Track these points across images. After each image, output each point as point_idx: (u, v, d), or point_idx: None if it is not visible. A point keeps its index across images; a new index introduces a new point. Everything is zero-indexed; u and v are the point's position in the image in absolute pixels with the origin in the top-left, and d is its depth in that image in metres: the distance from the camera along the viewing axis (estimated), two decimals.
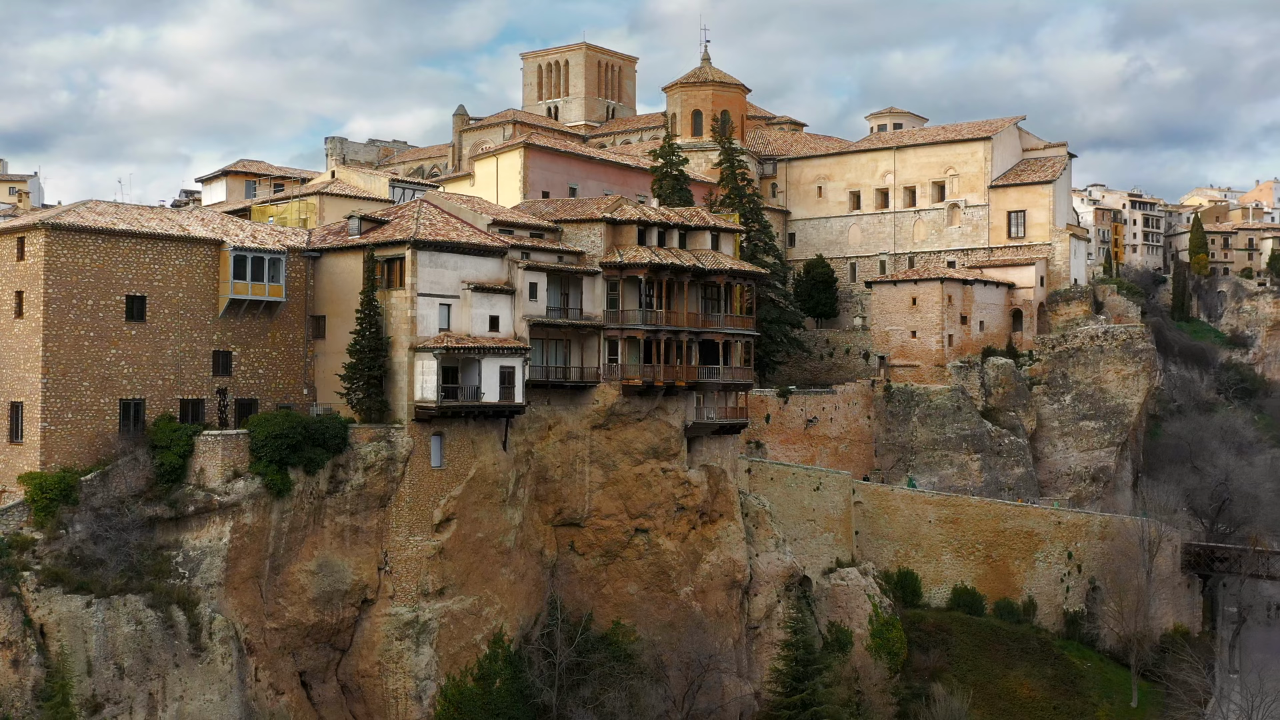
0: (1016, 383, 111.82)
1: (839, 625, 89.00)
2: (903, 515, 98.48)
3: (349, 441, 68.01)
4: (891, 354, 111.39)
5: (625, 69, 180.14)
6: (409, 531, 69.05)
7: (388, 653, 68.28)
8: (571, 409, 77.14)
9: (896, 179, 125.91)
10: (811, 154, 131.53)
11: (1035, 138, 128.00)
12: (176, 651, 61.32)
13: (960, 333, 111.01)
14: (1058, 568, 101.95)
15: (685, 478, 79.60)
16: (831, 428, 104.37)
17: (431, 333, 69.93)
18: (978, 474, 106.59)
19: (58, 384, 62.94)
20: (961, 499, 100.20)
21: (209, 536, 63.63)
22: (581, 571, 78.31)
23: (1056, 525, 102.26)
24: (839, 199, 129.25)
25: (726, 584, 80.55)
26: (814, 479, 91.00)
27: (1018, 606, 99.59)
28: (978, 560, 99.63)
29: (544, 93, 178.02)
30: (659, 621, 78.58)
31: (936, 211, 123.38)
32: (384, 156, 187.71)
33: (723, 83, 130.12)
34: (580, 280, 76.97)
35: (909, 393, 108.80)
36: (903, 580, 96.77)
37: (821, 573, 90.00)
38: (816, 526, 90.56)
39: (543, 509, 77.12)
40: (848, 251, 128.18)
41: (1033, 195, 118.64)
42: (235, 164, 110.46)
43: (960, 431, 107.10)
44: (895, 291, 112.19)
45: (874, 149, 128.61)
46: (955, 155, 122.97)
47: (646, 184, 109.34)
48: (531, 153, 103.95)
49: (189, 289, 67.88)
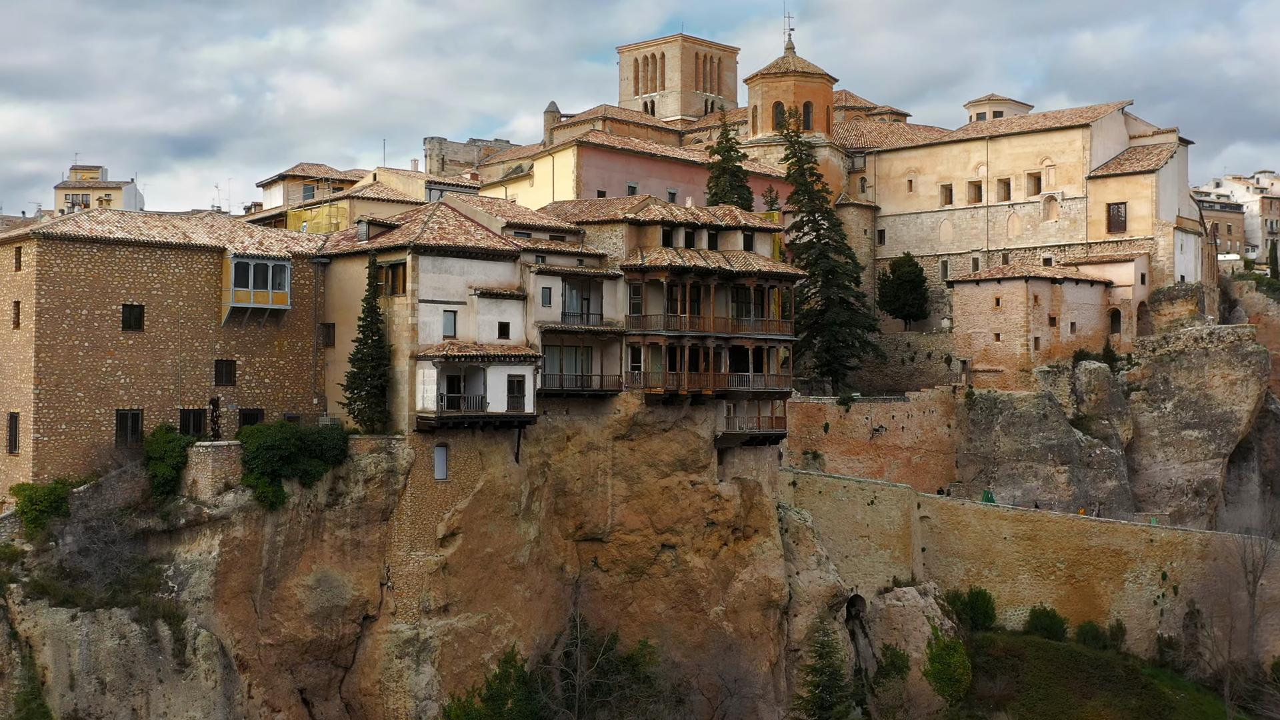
0: (1111, 389, 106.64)
1: (894, 649, 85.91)
2: (974, 531, 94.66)
3: (349, 453, 68.10)
4: (974, 358, 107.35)
5: (725, 60, 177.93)
6: (410, 546, 68.75)
7: (388, 671, 68.12)
8: (592, 419, 75.95)
9: (990, 171, 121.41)
10: (900, 146, 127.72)
11: (1145, 123, 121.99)
12: (160, 667, 62.10)
13: (1048, 335, 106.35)
14: (1150, 589, 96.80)
15: (715, 491, 77.73)
16: (903, 437, 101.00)
17: (435, 340, 69.54)
18: (1065, 487, 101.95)
19: (51, 394, 64.36)
20: (1040, 514, 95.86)
21: (199, 550, 64.34)
22: (606, 589, 77.08)
23: (1149, 543, 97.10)
24: (930, 193, 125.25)
25: (761, 604, 78.37)
26: (868, 492, 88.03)
27: (1104, 631, 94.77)
28: (1059, 580, 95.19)
29: (640, 87, 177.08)
30: (688, 642, 76.92)
31: (1032, 205, 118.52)
32: (485, 156, 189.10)
33: (805, 73, 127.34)
34: (600, 284, 75.74)
35: (991, 400, 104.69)
36: (974, 601, 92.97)
37: (876, 592, 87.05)
38: (870, 543, 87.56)
39: (562, 523, 76.11)
40: (939, 249, 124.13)
41: (1134, 186, 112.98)
42: (294, 168, 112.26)
43: (1046, 441, 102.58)
44: (978, 291, 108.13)
45: (966, 139, 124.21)
46: (1052, 144, 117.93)
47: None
48: (585, 151, 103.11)
49: (189, 297, 68.78)
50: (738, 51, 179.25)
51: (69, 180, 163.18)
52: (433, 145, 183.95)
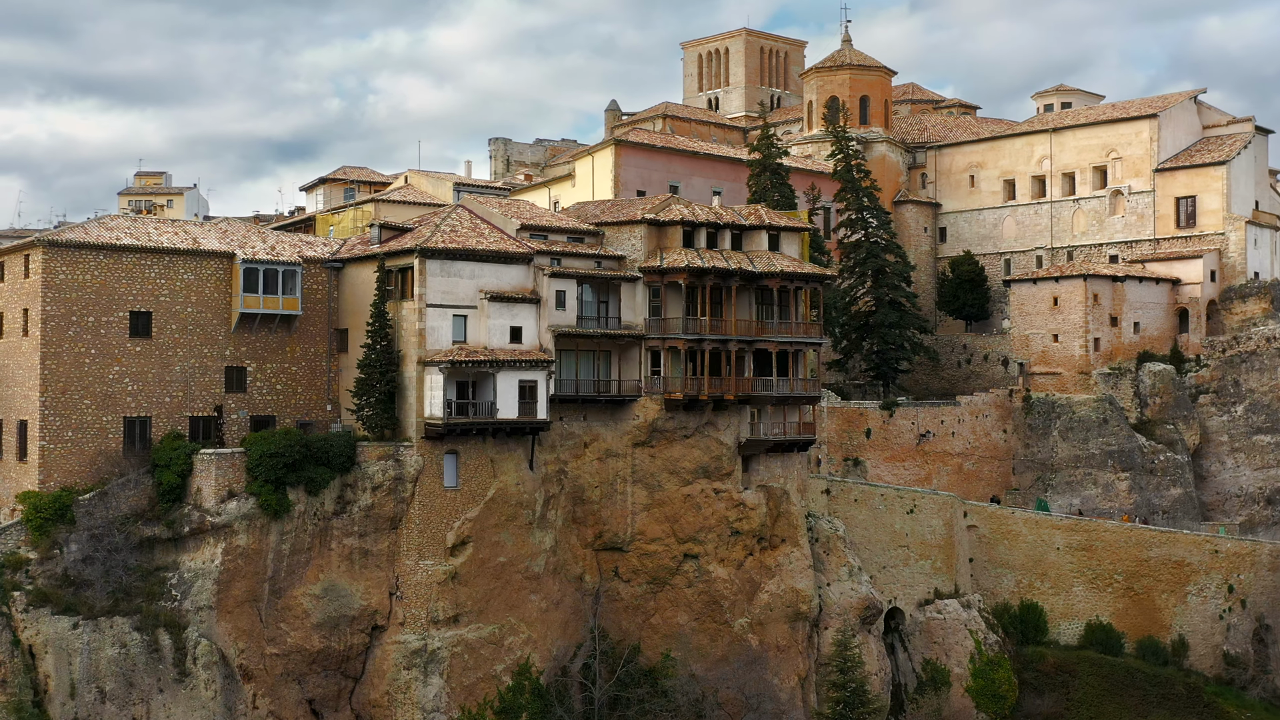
0: (1177, 392, 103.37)
1: (935, 663, 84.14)
2: (1025, 541, 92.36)
3: (357, 460, 68.30)
4: (1032, 360, 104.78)
5: (792, 55, 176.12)
6: (419, 555, 68.74)
7: (396, 682, 68.16)
8: (611, 425, 75.34)
9: (1054, 165, 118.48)
10: (961, 140, 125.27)
11: (1220, 112, 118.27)
12: (161, 676, 62.76)
13: (1110, 336, 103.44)
14: (1215, 603, 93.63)
15: (740, 499, 76.67)
16: (953, 443, 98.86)
17: (444, 345, 69.48)
18: (1126, 495, 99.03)
19: (57, 402, 65.41)
20: (1095, 523, 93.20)
21: (202, 558, 64.93)
22: (627, 599, 76.41)
23: (1213, 554, 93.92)
24: (992, 188, 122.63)
25: (789, 616, 77.13)
26: (907, 500, 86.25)
27: (1165, 647, 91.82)
28: (1116, 593, 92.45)
29: (704, 83, 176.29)
30: (711, 655, 75.97)
31: (1097, 200, 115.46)
32: (551, 156, 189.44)
33: (861, 65, 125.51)
34: (619, 287, 75.13)
35: (1049, 403, 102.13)
36: (1025, 614, 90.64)
37: (916, 605, 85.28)
38: (910, 553, 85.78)
39: (581, 532, 75.60)
40: (1001, 246, 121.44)
41: (1203, 178, 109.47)
42: (336, 171, 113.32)
43: (1106, 447, 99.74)
44: (1035, 291, 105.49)
45: (1029, 132, 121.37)
46: (1118, 136, 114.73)
47: None
48: (623, 150, 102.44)
49: (198, 303, 69.50)
50: (805, 45, 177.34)
51: (132, 186, 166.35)
52: (497, 146, 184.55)
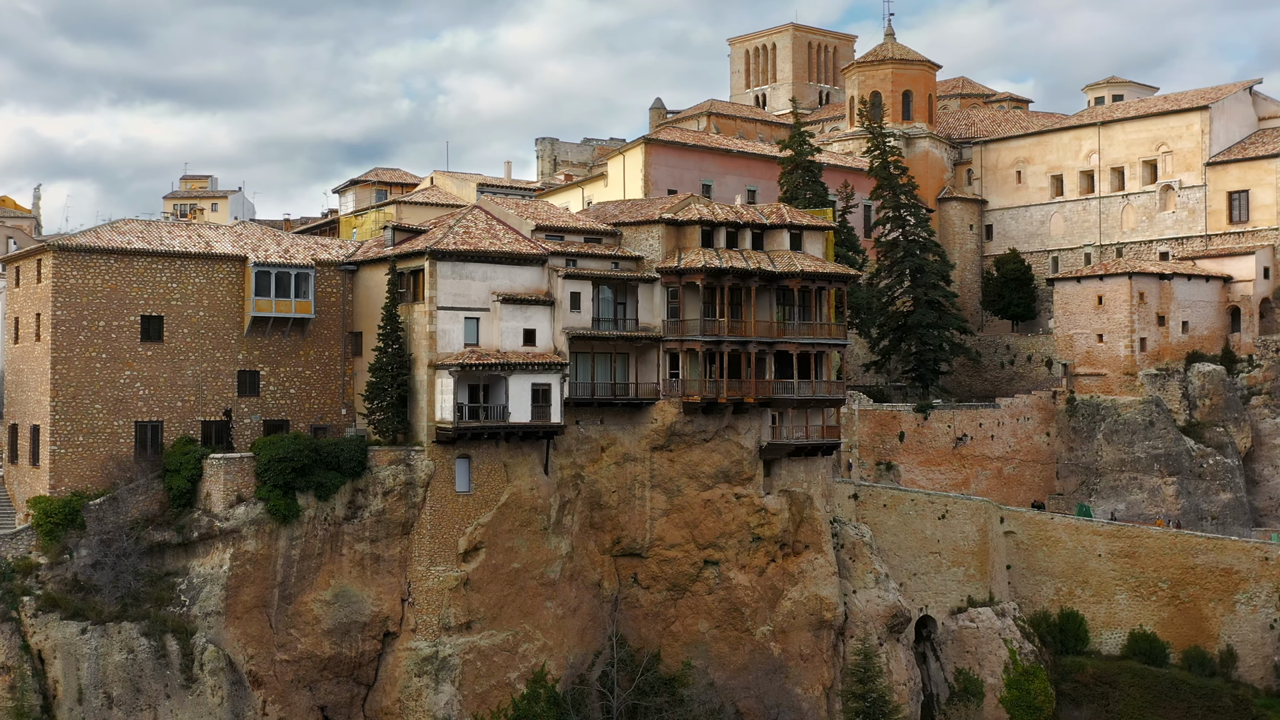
0: (1228, 393, 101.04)
1: (967, 673, 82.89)
2: (1066, 548, 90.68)
3: (368, 465, 68.47)
4: (1076, 361, 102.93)
5: (841, 50, 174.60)
6: (431, 561, 68.73)
7: (407, 690, 68.20)
8: (628, 429, 74.94)
9: (1102, 159, 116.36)
10: (1007, 135, 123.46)
11: (1277, 103, 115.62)
12: (168, 682, 63.22)
13: (1156, 335, 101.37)
14: (1266, 612, 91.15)
15: (761, 504, 75.94)
16: (993, 446, 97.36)
17: (455, 348, 69.45)
18: (1173, 500, 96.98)
19: (67, 406, 66.18)
20: (1139, 529, 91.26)
21: (211, 564, 65.36)
22: (647, 606, 75.96)
23: (1263, 561, 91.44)
24: (1039, 184, 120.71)
25: (812, 624, 76.26)
26: (939, 505, 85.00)
27: (1212, 658, 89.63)
28: (1160, 602, 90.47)
29: (751, 80, 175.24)
30: (732, 664, 75.32)
31: (1147, 195, 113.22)
32: (598, 156, 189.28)
33: (904, 60, 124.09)
34: (636, 288, 74.71)
35: (1094, 405, 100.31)
36: (1064, 623, 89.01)
37: (948, 613, 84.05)
38: (942, 560, 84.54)
39: (598, 538, 75.25)
40: (1049, 244, 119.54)
41: (1257, 172, 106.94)
42: (368, 173, 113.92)
43: (1152, 450, 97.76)
44: (1079, 289, 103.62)
45: (1077, 126, 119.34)
46: (1168, 129, 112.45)
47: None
48: (654, 149, 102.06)
49: (210, 307, 70.01)
50: (854, 40, 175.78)
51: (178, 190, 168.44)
52: (544, 146, 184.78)
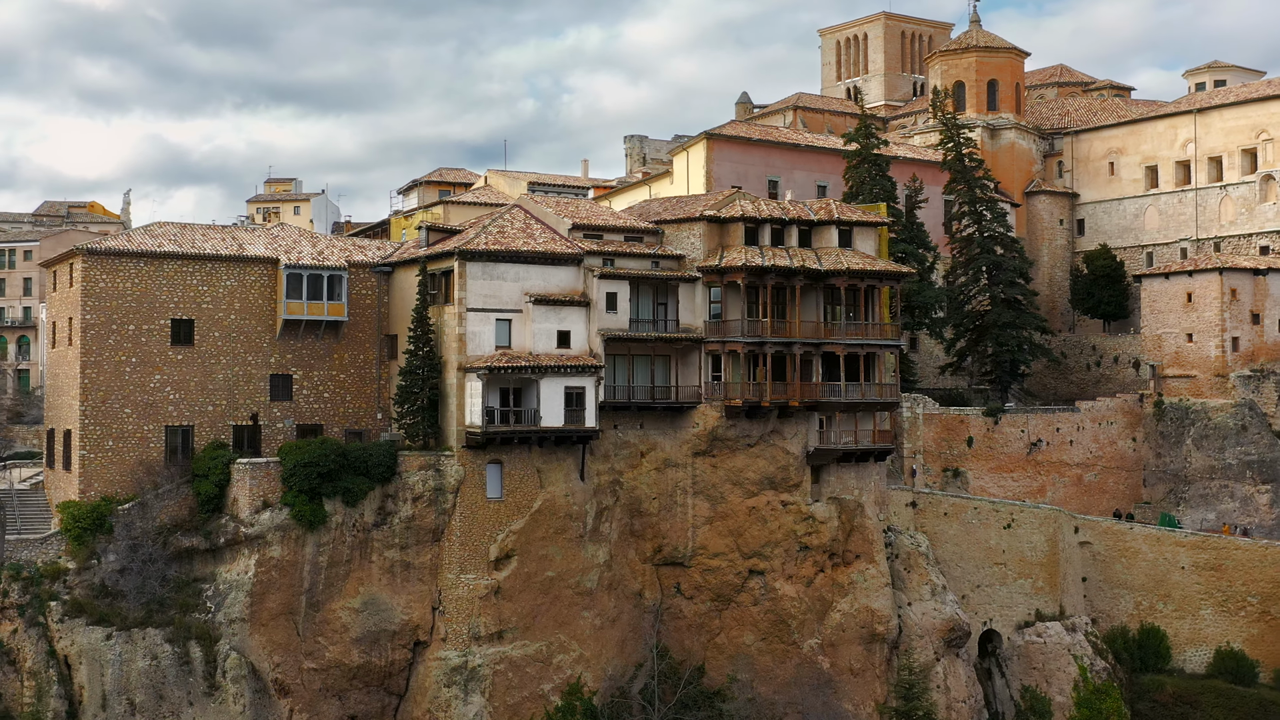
0: None
1: (1034, 691, 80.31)
2: (1146, 560, 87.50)
3: (398, 470, 68.41)
4: (1164, 362, 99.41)
5: (937, 38, 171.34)
6: (461, 569, 68.42)
7: (437, 700, 67.95)
8: (670, 433, 73.89)
9: (1199, 149, 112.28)
10: (1099, 124, 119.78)
11: None
12: (191, 689, 63.82)
13: (1250, 335, 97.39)
14: None
15: (809, 512, 74.33)
16: (1072, 452, 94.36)
17: (485, 351, 69.06)
18: (1267, 509, 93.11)
19: (97, 411, 67.18)
20: (1225, 541, 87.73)
21: (237, 570, 65.84)
22: (690, 617, 74.82)
23: None
24: (1133, 176, 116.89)
25: (864, 637, 74.45)
26: (1004, 514, 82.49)
27: None
28: (1250, 617, 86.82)
29: (843, 72, 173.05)
30: (778, 678, 73.85)
31: (1246, 186, 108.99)
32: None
33: (989, 47, 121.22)
34: (676, 288, 73.62)
35: (1183, 409, 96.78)
36: (1144, 639, 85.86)
37: (1015, 627, 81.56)
38: (1008, 572, 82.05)
39: (639, 546, 74.31)
40: (1143, 238, 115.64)
41: None
42: (432, 173, 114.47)
43: (1244, 457, 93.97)
44: (1167, 286, 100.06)
45: (1172, 114, 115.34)
46: (1269, 115, 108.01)
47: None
48: (716, 144, 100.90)
49: (242, 310, 70.59)
50: (950, 28, 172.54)
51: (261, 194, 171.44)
52: (632, 144, 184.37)
